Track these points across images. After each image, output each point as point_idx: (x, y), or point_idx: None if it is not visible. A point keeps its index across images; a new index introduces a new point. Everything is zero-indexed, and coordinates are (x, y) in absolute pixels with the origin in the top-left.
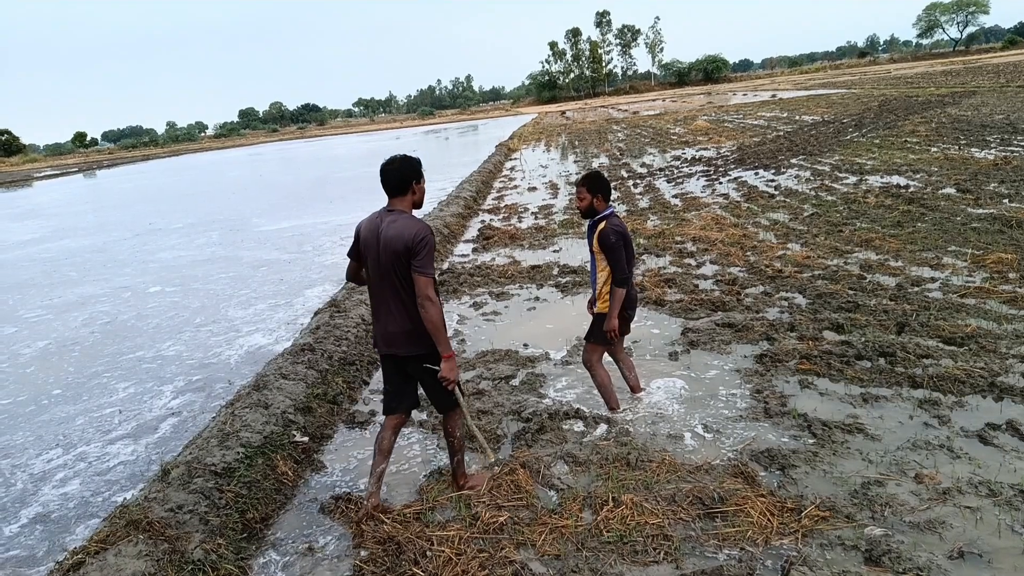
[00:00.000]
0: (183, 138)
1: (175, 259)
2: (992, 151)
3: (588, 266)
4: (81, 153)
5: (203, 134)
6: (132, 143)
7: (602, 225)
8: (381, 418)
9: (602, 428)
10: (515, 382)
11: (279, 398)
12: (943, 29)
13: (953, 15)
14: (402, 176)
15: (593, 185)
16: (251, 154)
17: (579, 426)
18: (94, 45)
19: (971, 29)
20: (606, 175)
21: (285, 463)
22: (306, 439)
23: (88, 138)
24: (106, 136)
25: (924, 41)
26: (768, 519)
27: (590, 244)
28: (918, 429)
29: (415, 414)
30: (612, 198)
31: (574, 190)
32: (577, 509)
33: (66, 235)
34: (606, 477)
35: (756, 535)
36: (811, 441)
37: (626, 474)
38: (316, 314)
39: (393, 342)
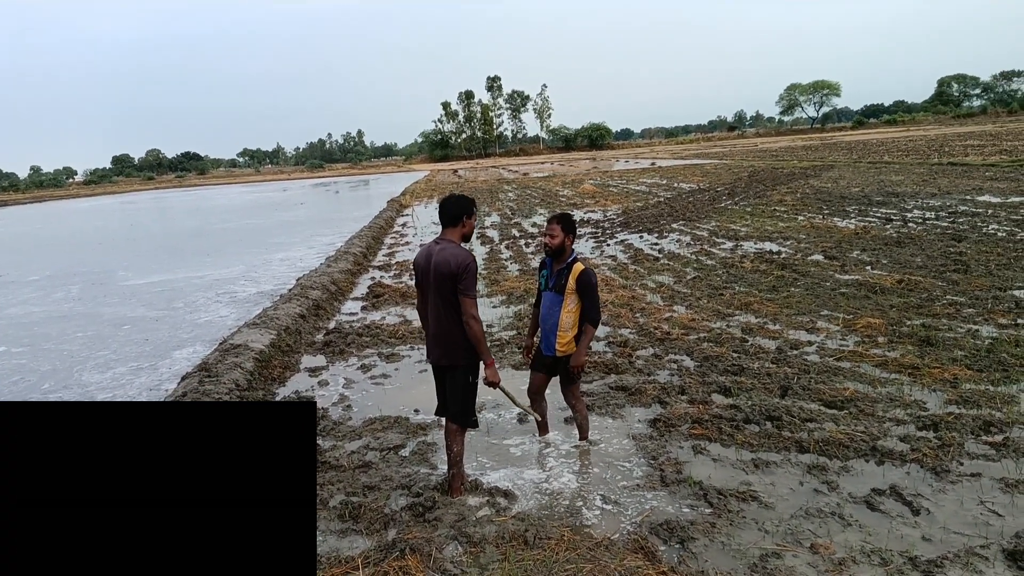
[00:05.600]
0: (48, 184)
1: (26, 315)
2: (852, 221)
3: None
4: None
5: (71, 180)
6: None
7: (581, 266)
8: None
9: (500, 500)
10: (405, 452)
11: None
12: (802, 108)
13: (810, 96)
14: (456, 210)
15: (567, 224)
16: (123, 202)
17: (474, 500)
18: None
19: (826, 109)
20: (499, 233)
21: None
22: None
23: None
24: None
25: (786, 118)
26: None
27: (551, 284)
28: (809, 496)
29: None
30: (505, 256)
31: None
32: None
33: None
34: (503, 559)
35: None
36: (708, 511)
37: (524, 554)
38: (183, 379)
39: (432, 351)
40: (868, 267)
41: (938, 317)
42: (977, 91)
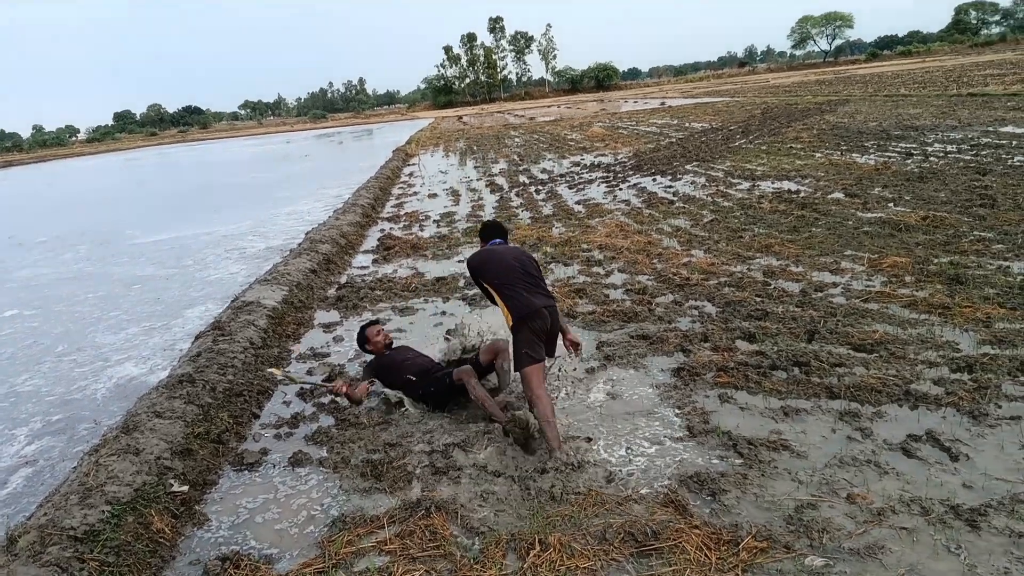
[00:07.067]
0: (51, 143)
1: (36, 277)
2: (872, 157)
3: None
4: None
5: (74, 138)
6: None
7: None
8: (274, 457)
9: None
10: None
11: (152, 441)
12: (814, 41)
13: (823, 28)
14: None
15: None
16: (127, 159)
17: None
18: None
19: (839, 42)
20: (507, 181)
21: (161, 519)
22: (186, 488)
23: None
24: None
25: (797, 52)
26: (706, 554)
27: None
28: (842, 443)
29: (313, 451)
30: (515, 204)
31: (476, 197)
32: (501, 555)
33: None
34: (531, 514)
35: (695, 574)
36: (738, 462)
37: (551, 509)
38: (197, 338)
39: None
40: (891, 204)
41: (966, 254)
42: (996, 18)
